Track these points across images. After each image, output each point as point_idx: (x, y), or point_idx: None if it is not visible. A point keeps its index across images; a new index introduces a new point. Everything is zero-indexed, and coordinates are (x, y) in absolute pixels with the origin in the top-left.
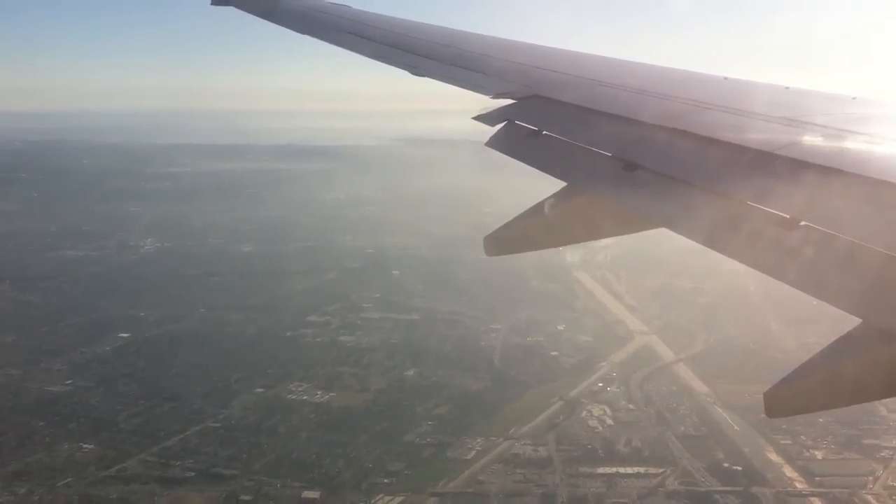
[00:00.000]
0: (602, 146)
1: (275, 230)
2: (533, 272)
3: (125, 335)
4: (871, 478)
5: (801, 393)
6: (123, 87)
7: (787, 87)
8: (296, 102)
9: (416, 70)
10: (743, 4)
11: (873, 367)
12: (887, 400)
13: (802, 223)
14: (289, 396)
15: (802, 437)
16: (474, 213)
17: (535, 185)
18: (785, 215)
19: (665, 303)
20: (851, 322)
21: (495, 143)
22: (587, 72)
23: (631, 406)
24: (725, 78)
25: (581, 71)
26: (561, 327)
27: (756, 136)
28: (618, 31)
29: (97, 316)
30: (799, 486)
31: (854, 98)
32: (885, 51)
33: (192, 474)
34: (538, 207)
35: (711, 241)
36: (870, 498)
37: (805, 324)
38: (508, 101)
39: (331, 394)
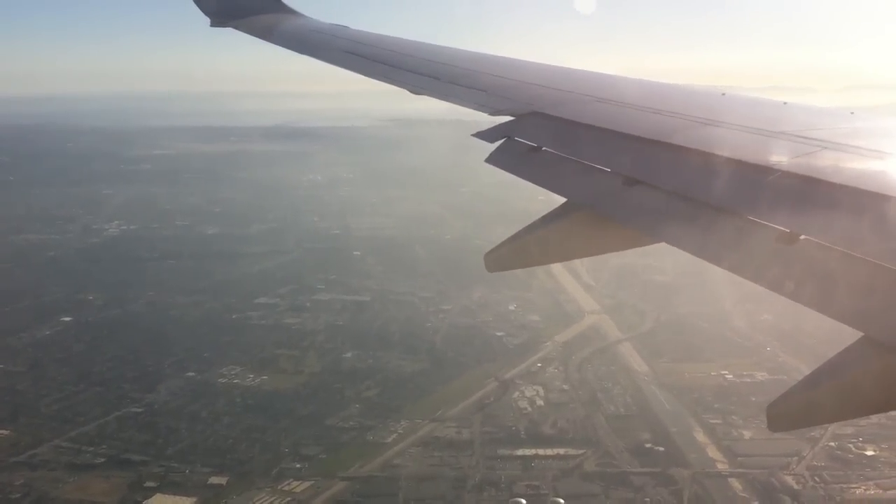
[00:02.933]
0: (601, 162)
1: (243, 212)
2: None
3: (67, 319)
4: (795, 458)
5: (803, 406)
6: (115, 70)
7: (784, 103)
8: (294, 84)
9: (415, 89)
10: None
11: (875, 380)
12: None
13: (802, 237)
14: (219, 380)
15: (734, 416)
16: (450, 192)
17: None
18: (785, 229)
19: (623, 281)
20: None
21: (495, 159)
22: (586, 88)
23: (565, 387)
24: (723, 94)
25: (580, 87)
26: (512, 307)
27: (754, 150)
28: (617, 48)
29: (45, 300)
30: (720, 466)
31: (852, 113)
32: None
33: (102, 460)
34: (539, 223)
35: (712, 256)
36: (788, 479)
37: (761, 303)
38: (507, 118)
39: (262, 377)
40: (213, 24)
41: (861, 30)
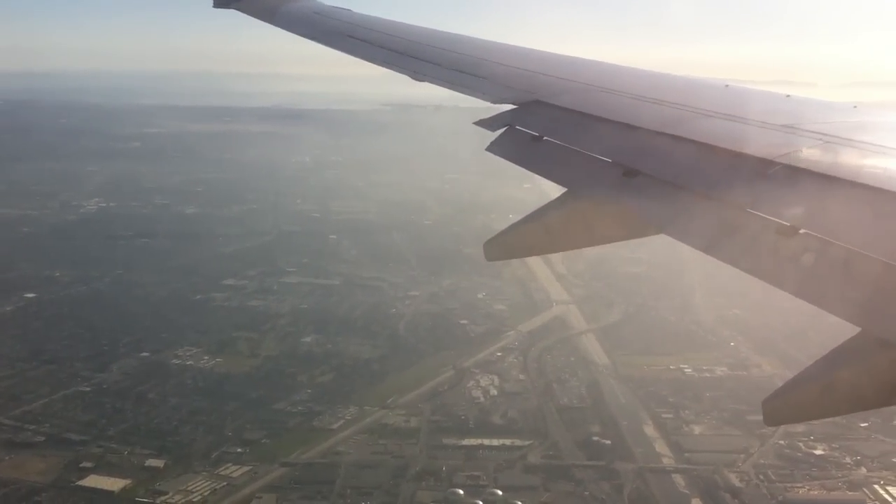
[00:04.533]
0: (602, 152)
1: (225, 192)
2: (472, 239)
3: (31, 295)
4: (742, 455)
5: (800, 401)
6: (117, 48)
7: (787, 95)
8: (296, 67)
9: (417, 75)
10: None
11: (872, 375)
12: (786, 375)
13: (802, 231)
14: (173, 361)
15: (686, 411)
16: (436, 178)
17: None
18: (784, 223)
19: (596, 272)
20: (791, 303)
21: (496, 148)
22: (588, 77)
23: (521, 377)
24: (726, 85)
25: (582, 76)
26: (481, 295)
27: (756, 143)
28: (619, 37)
29: (10, 276)
30: (666, 461)
31: (854, 106)
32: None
33: (42, 439)
34: (538, 213)
35: (711, 248)
36: (732, 476)
37: (732, 297)
38: (509, 107)
39: (217, 359)
40: (215, 5)
41: (864, 25)
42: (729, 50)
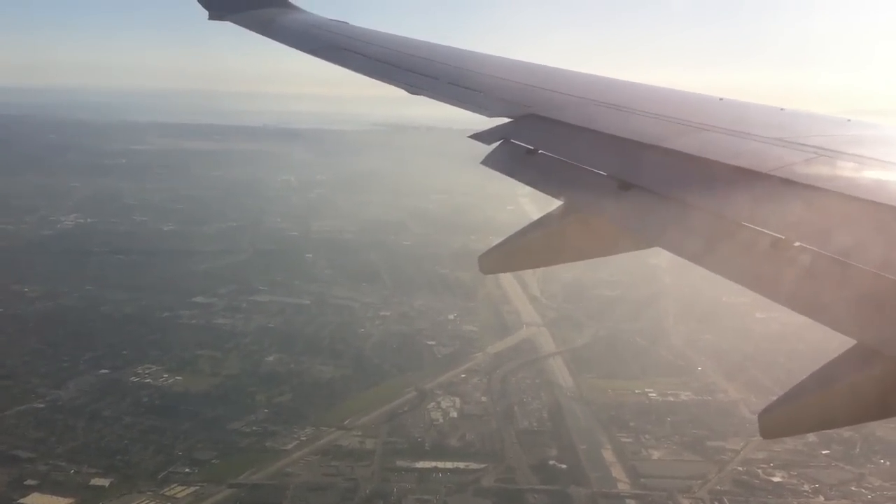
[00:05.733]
0: (597, 165)
1: (205, 210)
2: (449, 259)
3: None
4: (699, 481)
5: (796, 413)
6: (112, 64)
7: (781, 109)
8: (292, 86)
9: (413, 88)
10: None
11: (868, 388)
12: (750, 401)
13: (797, 244)
14: (132, 379)
15: (646, 435)
16: (421, 199)
17: (493, 177)
18: (779, 236)
19: (570, 294)
20: (763, 328)
21: (492, 161)
22: (583, 91)
23: (484, 399)
24: (721, 99)
25: (577, 90)
26: (451, 316)
27: (750, 156)
28: (614, 51)
29: None
30: (621, 486)
31: (848, 120)
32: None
33: None
34: (534, 226)
35: (705, 261)
36: (685, 502)
37: (704, 322)
38: (505, 120)
39: (177, 377)
40: (211, 17)
41: (861, 53)
42: (724, 76)
